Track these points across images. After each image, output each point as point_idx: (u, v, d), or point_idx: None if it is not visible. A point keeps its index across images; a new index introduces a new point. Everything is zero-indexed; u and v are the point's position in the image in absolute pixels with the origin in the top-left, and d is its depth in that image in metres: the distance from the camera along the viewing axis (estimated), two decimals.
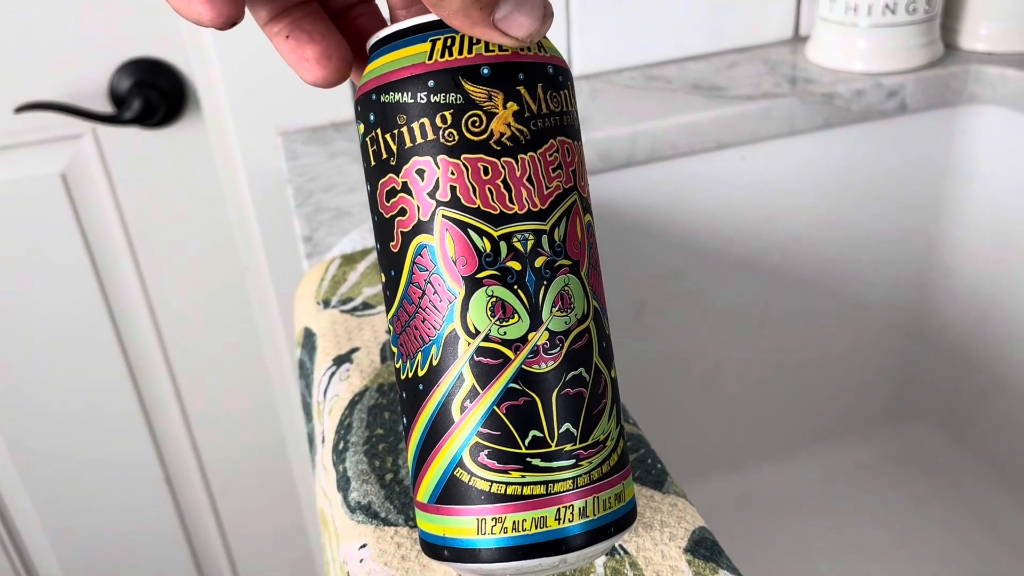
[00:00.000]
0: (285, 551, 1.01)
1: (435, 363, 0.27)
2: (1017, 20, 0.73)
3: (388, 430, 0.38)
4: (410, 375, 0.28)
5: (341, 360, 0.43)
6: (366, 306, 0.47)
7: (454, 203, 0.26)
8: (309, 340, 0.46)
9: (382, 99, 0.27)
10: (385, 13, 0.31)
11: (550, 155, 0.26)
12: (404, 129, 0.26)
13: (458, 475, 0.27)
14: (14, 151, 0.77)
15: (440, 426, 0.27)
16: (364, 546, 0.33)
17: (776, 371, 0.82)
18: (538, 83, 0.26)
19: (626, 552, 0.32)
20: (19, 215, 0.79)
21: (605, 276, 0.71)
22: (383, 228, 0.28)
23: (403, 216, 0.27)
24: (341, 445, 0.38)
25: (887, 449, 0.86)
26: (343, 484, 0.37)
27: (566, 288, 0.27)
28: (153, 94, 0.76)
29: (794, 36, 0.81)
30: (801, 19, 0.80)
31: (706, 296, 0.76)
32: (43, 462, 0.90)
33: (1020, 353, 0.76)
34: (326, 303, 0.48)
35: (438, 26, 0.26)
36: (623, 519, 0.28)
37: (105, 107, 0.77)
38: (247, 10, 0.29)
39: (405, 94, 0.26)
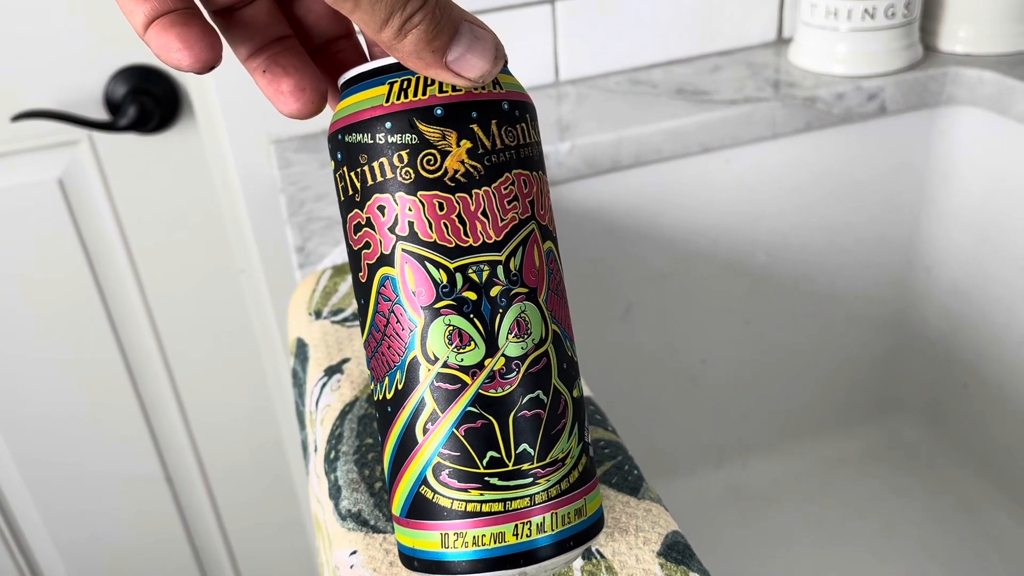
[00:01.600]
0: (284, 546, 1.03)
1: (400, 387, 0.29)
2: (994, 22, 0.75)
3: (377, 440, 0.40)
4: (380, 397, 0.30)
5: (332, 371, 0.44)
6: (356, 317, 0.48)
7: (412, 238, 0.27)
8: (302, 350, 0.48)
9: (346, 139, 0.28)
10: (366, 48, 0.33)
11: (505, 188, 0.28)
12: (366, 168, 0.28)
13: (423, 492, 0.29)
14: (12, 158, 0.79)
15: (406, 446, 0.29)
16: (354, 552, 0.35)
17: (761, 368, 0.83)
18: (492, 120, 0.28)
19: (602, 556, 0.34)
20: (18, 221, 0.80)
21: (593, 278, 0.73)
22: (353, 259, 0.30)
23: (368, 249, 0.29)
24: (332, 454, 0.40)
25: (870, 442, 0.88)
26: (334, 492, 0.38)
27: (522, 315, 0.28)
28: (148, 101, 0.78)
29: (777, 39, 0.82)
30: (784, 22, 0.82)
31: (692, 296, 0.77)
32: (45, 463, 0.91)
33: (998, 347, 0.77)
34: (318, 314, 0.49)
35: (397, 68, 0.28)
36: (584, 533, 0.29)
37: (101, 114, 0.78)
38: (229, 47, 0.31)
39: (366, 135, 0.28)
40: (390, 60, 0.28)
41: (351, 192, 0.29)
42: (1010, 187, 0.73)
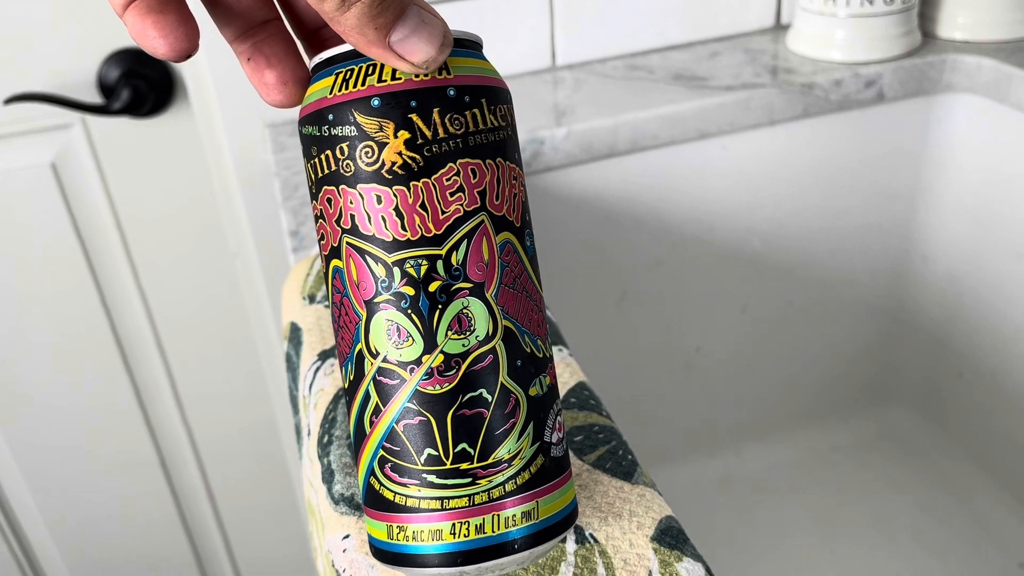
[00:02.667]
0: (279, 529, 1.03)
1: (351, 378, 0.29)
2: (993, 9, 0.74)
3: None
4: (343, 385, 0.30)
5: (325, 355, 0.44)
6: None
7: (354, 231, 0.27)
8: (295, 335, 0.47)
9: (303, 131, 0.28)
10: None
11: (447, 179, 0.27)
12: (316, 160, 0.28)
13: (372, 482, 0.29)
14: (5, 141, 0.78)
15: (359, 436, 0.29)
16: (347, 536, 0.35)
17: (756, 356, 0.83)
18: (433, 108, 0.26)
19: (595, 540, 0.34)
20: (10, 205, 0.80)
21: (588, 264, 0.73)
22: (319, 249, 0.30)
23: (323, 240, 0.29)
24: (325, 439, 0.40)
25: (864, 431, 0.88)
26: (327, 476, 0.38)
27: (464, 311, 0.27)
28: (141, 84, 0.77)
29: (776, 24, 0.82)
30: (783, 8, 0.81)
31: (687, 283, 0.77)
32: (39, 448, 0.91)
33: (994, 337, 0.77)
34: (311, 298, 0.49)
35: (345, 58, 0.27)
36: (535, 535, 0.28)
37: (94, 97, 0.78)
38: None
39: (314, 127, 0.28)
40: (342, 49, 0.27)
41: (309, 183, 0.29)
42: (1008, 175, 0.73)
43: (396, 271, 0.27)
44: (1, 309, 0.84)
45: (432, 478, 0.27)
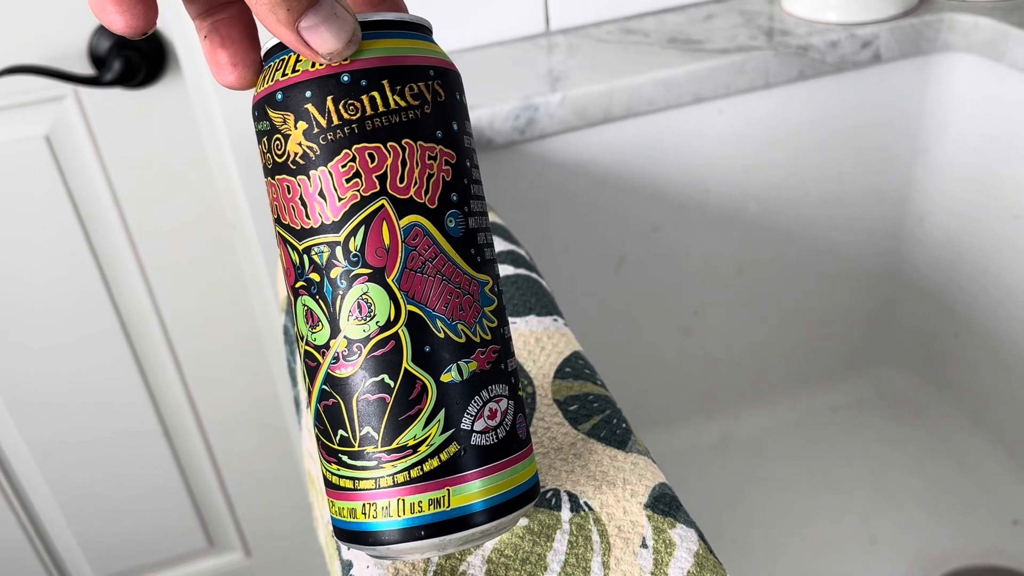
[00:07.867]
0: (283, 499, 1.04)
1: (297, 358, 0.31)
2: None
3: None
4: None
5: None
6: None
7: (278, 221, 0.29)
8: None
9: None
10: None
11: (343, 166, 0.27)
12: (258, 154, 0.30)
13: (318, 457, 0.30)
14: None
15: (308, 412, 0.31)
16: None
17: (753, 318, 0.84)
18: (327, 96, 0.27)
19: (590, 508, 0.34)
20: (5, 178, 0.80)
21: (585, 231, 0.73)
22: None
23: (272, 228, 0.30)
24: None
25: (861, 392, 0.89)
26: None
27: (364, 297, 0.27)
28: (133, 55, 0.76)
29: None
30: None
31: (685, 248, 0.77)
32: (44, 421, 0.92)
33: (990, 297, 0.78)
34: None
35: (270, 55, 0.29)
36: (441, 524, 0.28)
37: (85, 68, 0.77)
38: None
39: (253, 123, 0.29)
40: (270, 44, 0.28)
41: None
42: (1005, 135, 0.72)
43: (305, 258, 0.28)
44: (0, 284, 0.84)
45: (345, 459, 0.28)
